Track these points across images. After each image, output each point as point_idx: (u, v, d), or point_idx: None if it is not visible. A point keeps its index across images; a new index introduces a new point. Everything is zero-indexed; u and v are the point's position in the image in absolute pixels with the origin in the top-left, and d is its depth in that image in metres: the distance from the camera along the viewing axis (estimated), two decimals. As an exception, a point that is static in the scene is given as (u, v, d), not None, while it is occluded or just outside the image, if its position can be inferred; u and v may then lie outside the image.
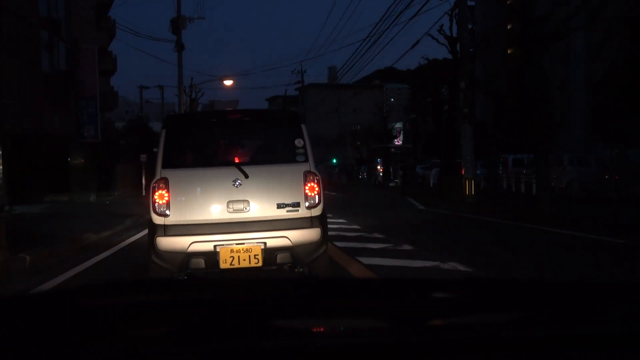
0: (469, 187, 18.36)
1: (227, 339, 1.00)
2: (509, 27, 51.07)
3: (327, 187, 30.24)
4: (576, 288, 1.31)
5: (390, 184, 41.42)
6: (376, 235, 10.86)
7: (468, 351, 0.99)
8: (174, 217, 5.44)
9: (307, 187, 5.56)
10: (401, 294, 1.22)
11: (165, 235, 5.42)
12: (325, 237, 5.67)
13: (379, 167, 50.80)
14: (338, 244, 9.58)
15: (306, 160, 5.67)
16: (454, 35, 25.94)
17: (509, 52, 49.48)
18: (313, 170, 5.64)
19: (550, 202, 14.18)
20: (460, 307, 1.16)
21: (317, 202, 5.58)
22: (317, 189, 5.60)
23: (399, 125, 66.72)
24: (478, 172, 23.78)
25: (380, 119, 54.15)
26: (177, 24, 30.15)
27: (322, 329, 1.10)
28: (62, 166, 24.60)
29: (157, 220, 5.48)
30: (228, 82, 35.04)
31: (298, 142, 5.74)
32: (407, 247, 9.22)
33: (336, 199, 26.35)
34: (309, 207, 5.54)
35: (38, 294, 2.26)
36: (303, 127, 5.88)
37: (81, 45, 25.03)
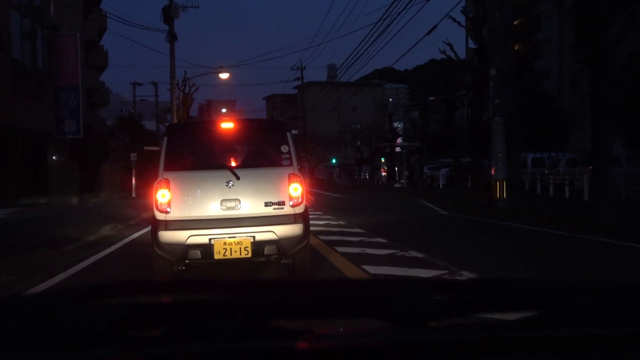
0: (500, 190, 15.93)
1: (227, 339, 0.99)
2: (515, 23, 49.13)
3: (328, 188, 27.75)
4: (576, 288, 1.24)
5: (396, 185, 39.21)
6: (414, 253, 8.35)
7: (468, 351, 0.99)
8: (174, 213, 6.03)
9: (291, 188, 6.11)
10: (401, 294, 1.11)
11: (167, 229, 5.99)
12: (307, 232, 6.22)
13: (382, 167, 48.55)
14: (368, 268, 7.17)
15: (291, 164, 6.22)
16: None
17: (516, 48, 47.53)
18: (297, 173, 6.21)
19: (611, 208, 11.81)
20: (460, 307, 1.11)
21: (300, 201, 6.15)
22: (300, 189, 6.14)
23: (399, 125, 64.54)
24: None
25: (385, 117, 51.73)
26: (169, 12, 27.79)
27: (321, 329, 1.04)
28: (40, 165, 22.39)
29: (159, 216, 6.05)
30: (224, 75, 32.45)
31: (283, 148, 6.28)
32: (466, 273, 6.76)
33: (341, 201, 24.02)
34: (292, 206, 6.11)
35: (37, 294, 2.07)
36: (288, 134, 6.45)
37: (62, 31, 22.56)
